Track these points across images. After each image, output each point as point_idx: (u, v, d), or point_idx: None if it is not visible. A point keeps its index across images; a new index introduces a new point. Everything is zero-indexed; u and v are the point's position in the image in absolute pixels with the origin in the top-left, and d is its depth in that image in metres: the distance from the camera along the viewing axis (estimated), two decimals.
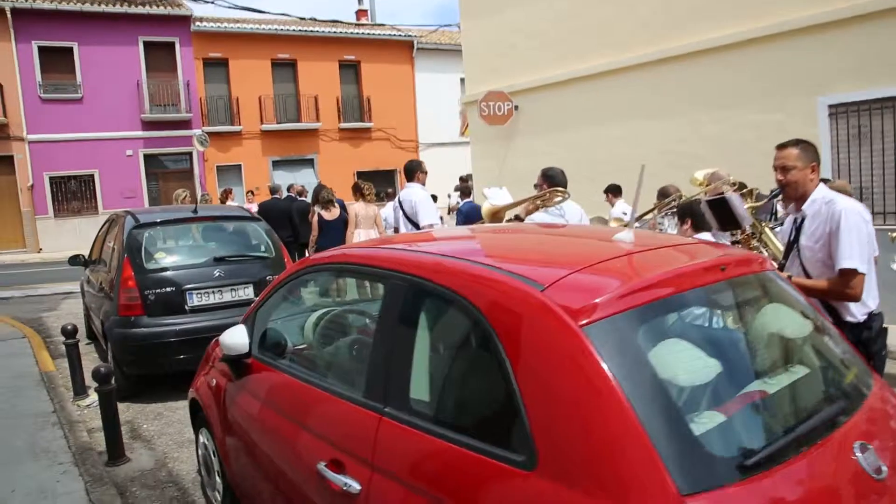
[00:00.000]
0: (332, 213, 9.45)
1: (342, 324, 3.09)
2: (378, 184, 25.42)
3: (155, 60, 21.98)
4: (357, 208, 8.87)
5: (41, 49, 20.49)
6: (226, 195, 14.05)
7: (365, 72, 25.74)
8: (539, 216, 4.73)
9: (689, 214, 4.39)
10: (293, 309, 3.19)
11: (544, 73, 12.04)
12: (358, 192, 9.03)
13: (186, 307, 5.52)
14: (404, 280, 2.05)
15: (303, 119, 24.25)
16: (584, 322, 1.64)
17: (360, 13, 29.14)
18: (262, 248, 6.23)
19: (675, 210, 5.06)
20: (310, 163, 24.98)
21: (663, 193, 5.80)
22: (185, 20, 22.14)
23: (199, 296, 5.57)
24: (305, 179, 24.02)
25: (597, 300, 1.69)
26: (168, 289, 5.49)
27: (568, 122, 11.75)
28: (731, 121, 9.14)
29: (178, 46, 22.16)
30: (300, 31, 24.13)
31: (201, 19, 22.75)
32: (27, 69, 20.31)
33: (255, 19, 23.98)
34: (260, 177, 23.62)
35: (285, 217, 11.01)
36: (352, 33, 25.58)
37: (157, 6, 21.73)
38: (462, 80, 28.56)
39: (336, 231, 9.24)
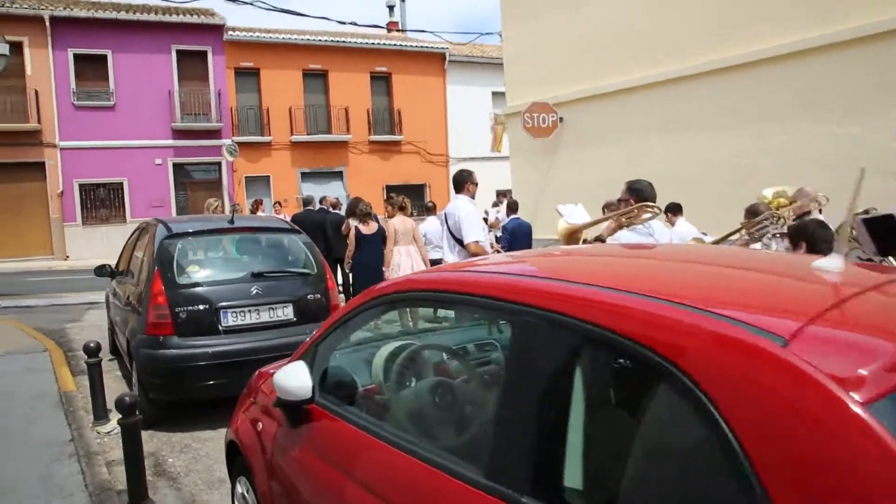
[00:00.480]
0: (371, 227, 8.95)
1: (433, 365, 2.52)
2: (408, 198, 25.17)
3: (187, 69, 21.83)
4: (395, 223, 8.35)
5: (76, 56, 20.44)
6: (256, 206, 13.65)
7: (396, 83, 25.41)
8: (625, 235, 4.13)
9: (804, 236, 3.77)
10: (363, 344, 2.64)
11: (591, 84, 11.50)
12: (395, 205, 8.51)
13: (220, 327, 5.00)
14: (552, 321, 1.48)
15: (333, 131, 23.94)
16: (866, 398, 1.07)
17: (392, 24, 28.91)
18: (303, 264, 5.71)
19: (774, 232, 4.44)
20: (338, 175, 24.62)
21: (752, 212, 5.17)
22: (218, 29, 22.00)
23: (234, 315, 5.06)
24: (334, 192, 23.66)
25: (871, 366, 1.12)
26: (201, 306, 4.98)
27: (616, 134, 11.16)
28: (800, 133, 8.48)
29: (210, 55, 22.01)
30: (332, 41, 23.89)
31: (234, 29, 22.60)
32: (62, 76, 20.27)
33: (286, 29, 23.80)
34: (288, 188, 23.29)
35: (318, 230, 10.49)
36: (383, 44, 25.29)
37: (191, 15, 21.61)
38: (494, 93, 28.22)
39: (374, 246, 8.73)
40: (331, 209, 12.10)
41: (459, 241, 5.66)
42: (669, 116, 10.33)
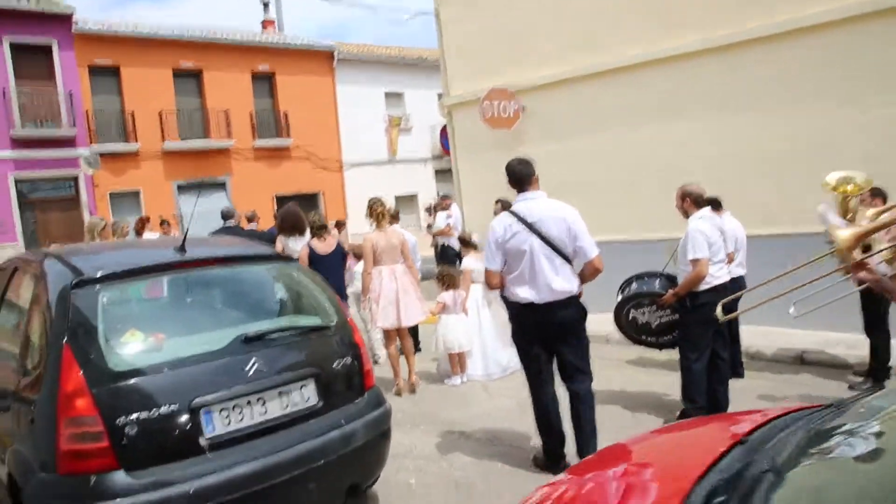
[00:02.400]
0: (329, 245, 6.86)
1: None
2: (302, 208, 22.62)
3: (26, 66, 18.01)
4: (374, 238, 6.31)
5: None
6: (141, 226, 10.83)
7: (280, 84, 22.81)
8: None
9: None
10: None
11: (561, 67, 9.99)
12: (383, 214, 6.46)
13: (203, 441, 2.82)
14: None
15: (212, 136, 20.92)
16: None
17: (267, 23, 26.16)
18: (316, 309, 3.62)
19: None
20: (221, 186, 21.61)
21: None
22: (64, 20, 18.37)
23: (224, 416, 2.91)
24: (217, 206, 20.69)
25: None
26: (163, 409, 2.76)
27: (590, 124, 9.74)
28: (810, 118, 7.42)
29: (55, 49, 18.31)
30: (205, 36, 20.90)
31: (85, 21, 19.00)
32: None
33: (152, 23, 20.50)
34: (163, 204, 19.96)
35: None
36: (265, 41, 22.62)
37: (28, 2, 17.84)
38: (387, 94, 26.34)
39: (335, 268, 6.66)
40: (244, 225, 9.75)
41: (566, 258, 3.89)
42: (656, 102, 9.02)
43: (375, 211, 6.42)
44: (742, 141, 8.22)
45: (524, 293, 4.08)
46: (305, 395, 3.21)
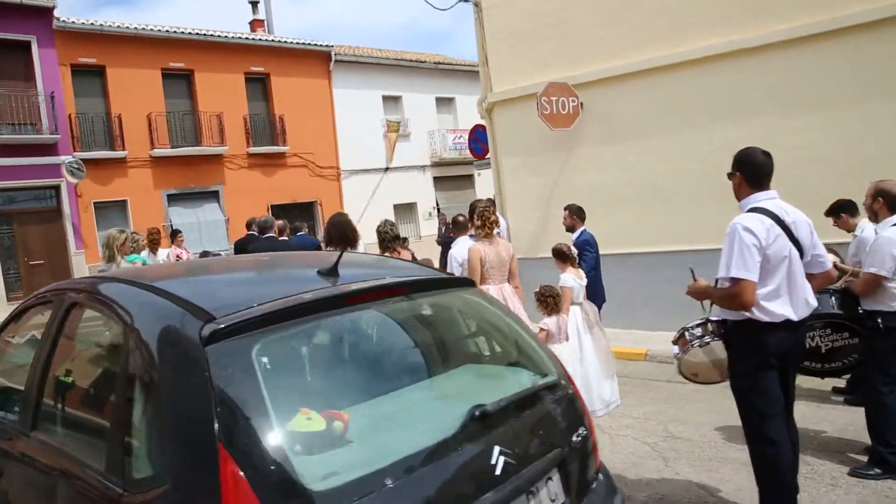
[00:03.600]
0: (406, 258, 5.74)
1: None
2: (295, 219, 21.32)
3: (2, 64, 16.52)
4: (484, 250, 5.22)
5: None
6: (156, 238, 9.49)
7: (276, 86, 21.56)
8: None
9: None
10: None
11: (623, 59, 9.02)
12: (487, 220, 5.37)
13: None
14: None
15: (204, 142, 19.56)
16: None
17: (256, 23, 24.87)
18: (532, 360, 2.52)
19: None
20: (213, 196, 20.24)
21: None
22: (44, 14, 16.91)
23: None
24: (209, 217, 19.38)
25: None
26: None
27: (665, 121, 8.76)
28: None
29: (34, 47, 16.84)
30: (196, 35, 19.58)
31: (67, 18, 17.56)
32: None
33: (139, 20, 19.09)
34: (152, 215, 18.53)
35: None
36: (259, 40, 21.36)
37: None
38: (385, 97, 25.20)
39: None
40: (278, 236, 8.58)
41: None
42: (738, 97, 8.10)
43: (487, 219, 5.31)
44: (839, 141, 7.34)
45: (781, 309, 3.17)
46: (552, 493, 2.11)
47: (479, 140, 12.23)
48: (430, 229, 24.19)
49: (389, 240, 5.85)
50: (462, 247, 6.92)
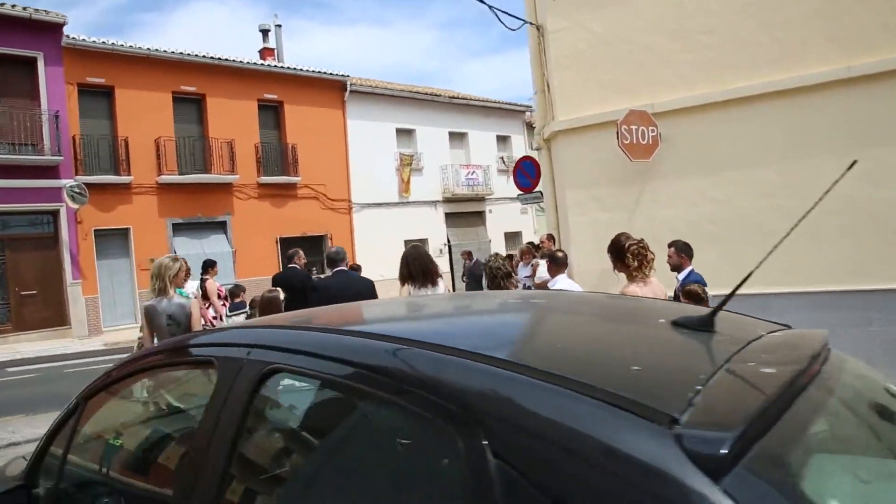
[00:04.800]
0: None
1: None
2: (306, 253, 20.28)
3: (6, 81, 15.53)
4: (643, 293, 4.26)
5: None
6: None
7: (289, 115, 20.73)
8: None
9: None
10: None
11: (700, 89, 8.23)
12: (641, 258, 4.42)
13: None
14: None
15: (213, 170, 18.56)
16: None
17: (266, 52, 24.14)
18: None
19: None
20: (221, 227, 19.15)
21: None
22: (54, 30, 16.01)
23: None
24: (216, 248, 18.26)
25: None
26: None
27: (756, 152, 7.93)
28: None
29: (41, 64, 15.89)
30: (209, 59, 18.74)
31: (77, 36, 16.66)
32: None
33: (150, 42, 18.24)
34: (156, 245, 17.42)
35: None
36: (273, 67, 20.60)
37: (12, 7, 15.46)
38: (399, 130, 24.45)
39: None
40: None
41: None
42: (841, 127, 7.31)
43: (644, 256, 4.34)
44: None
45: None
46: None
47: (526, 173, 11.37)
48: (442, 266, 23.20)
49: (502, 276, 4.89)
50: (563, 285, 5.97)
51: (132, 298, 17.29)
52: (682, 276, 6.35)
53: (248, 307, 7.43)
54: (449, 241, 24.80)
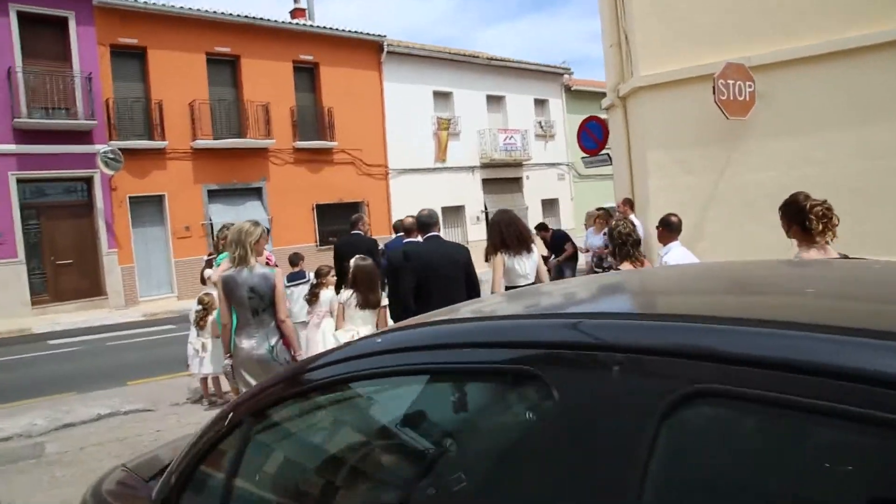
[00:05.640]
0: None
1: None
2: (339, 220, 19.71)
3: (37, 42, 14.95)
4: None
5: None
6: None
7: (324, 77, 19.98)
8: None
9: None
10: None
11: (808, 39, 7.38)
12: (825, 223, 3.71)
13: None
14: None
15: (249, 134, 17.95)
16: None
17: (297, 12, 23.25)
18: None
19: None
20: (256, 193, 18.62)
21: None
22: None
23: None
24: (252, 215, 17.69)
25: None
26: None
27: (862, 110, 7.14)
28: None
29: (72, 24, 15.27)
30: (243, 18, 17.98)
31: None
32: None
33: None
34: (191, 212, 17.01)
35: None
36: (308, 26, 19.80)
37: None
38: (436, 93, 23.60)
39: None
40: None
41: None
42: None
43: (821, 215, 3.61)
44: None
45: None
46: None
47: (592, 134, 10.60)
48: (478, 234, 22.56)
49: (632, 244, 4.23)
50: (678, 255, 5.29)
51: (168, 268, 16.90)
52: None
53: (312, 277, 6.84)
54: (486, 207, 24.07)
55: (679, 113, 8.19)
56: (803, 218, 3.61)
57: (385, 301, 5.07)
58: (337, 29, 20.09)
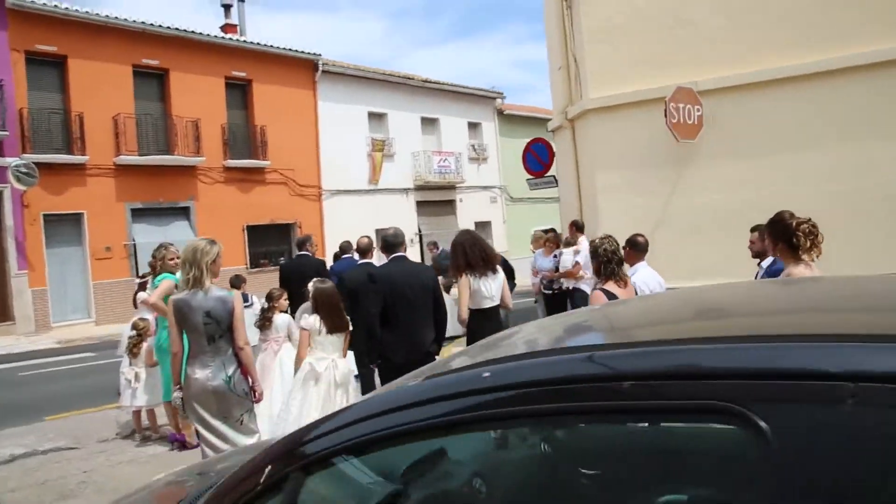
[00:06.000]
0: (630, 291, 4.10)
1: None
2: (270, 242, 19.07)
3: None
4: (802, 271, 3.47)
5: None
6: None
7: (257, 94, 19.40)
8: None
9: None
10: None
11: (755, 66, 7.65)
12: (812, 239, 3.69)
13: None
14: None
15: (177, 151, 17.13)
16: None
17: (228, 28, 22.61)
18: None
19: None
20: (184, 213, 17.75)
21: None
22: None
23: None
24: (178, 236, 16.85)
25: None
26: None
27: (805, 136, 7.46)
28: None
29: None
30: (174, 30, 17.25)
31: None
32: None
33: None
34: (112, 232, 16.00)
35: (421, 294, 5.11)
36: (242, 42, 19.21)
37: None
38: (371, 114, 23.34)
39: None
40: (355, 256, 6.77)
41: None
42: (881, 115, 6.87)
43: (808, 232, 3.56)
44: None
45: None
46: None
47: (537, 156, 10.61)
48: (413, 257, 22.27)
49: (616, 262, 4.09)
50: (644, 275, 5.23)
51: (85, 291, 15.78)
52: (766, 263, 5.66)
53: (263, 301, 6.40)
54: (420, 230, 23.89)
55: (628, 135, 8.30)
56: (790, 235, 3.58)
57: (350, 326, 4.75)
58: (271, 46, 19.61)
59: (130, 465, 5.40)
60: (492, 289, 5.38)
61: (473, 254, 5.24)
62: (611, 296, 3.92)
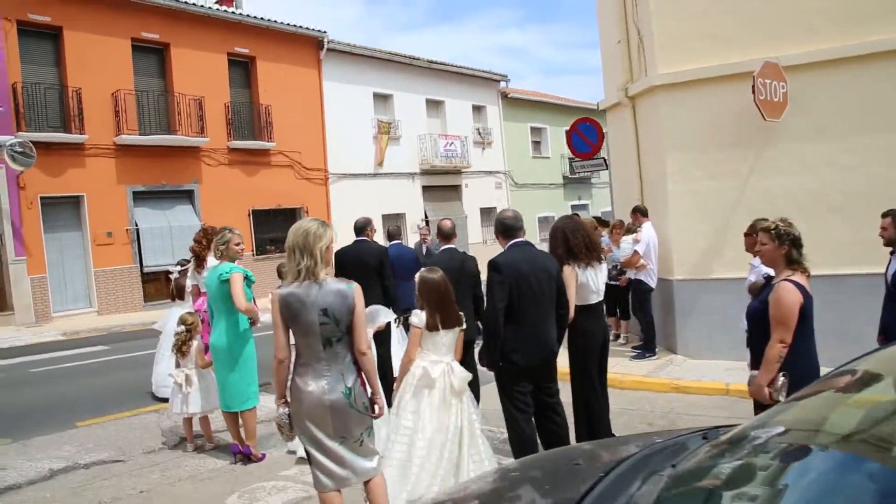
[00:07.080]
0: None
1: None
2: (276, 228, 18.26)
3: None
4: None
5: None
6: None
7: (261, 72, 18.50)
8: None
9: None
10: None
11: (839, 40, 7.07)
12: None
13: None
14: None
15: (179, 130, 16.24)
16: None
17: (225, 0, 21.58)
18: None
19: None
20: (187, 196, 16.88)
21: None
22: None
23: None
24: (182, 221, 16.10)
25: None
26: None
27: (887, 116, 6.88)
28: None
29: None
30: (173, 2, 16.27)
31: None
32: None
33: None
34: (113, 216, 15.13)
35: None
36: (245, 16, 18.25)
37: None
38: (377, 95, 22.45)
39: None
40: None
41: None
42: None
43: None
44: None
45: None
46: None
47: (584, 136, 9.97)
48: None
49: (800, 250, 3.49)
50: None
51: (87, 278, 14.93)
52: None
53: None
54: (427, 215, 23.19)
55: (701, 114, 7.68)
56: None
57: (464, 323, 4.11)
58: (274, 21, 18.67)
59: (191, 482, 4.72)
60: (599, 281, 4.78)
61: (576, 240, 4.64)
62: (804, 291, 3.32)
